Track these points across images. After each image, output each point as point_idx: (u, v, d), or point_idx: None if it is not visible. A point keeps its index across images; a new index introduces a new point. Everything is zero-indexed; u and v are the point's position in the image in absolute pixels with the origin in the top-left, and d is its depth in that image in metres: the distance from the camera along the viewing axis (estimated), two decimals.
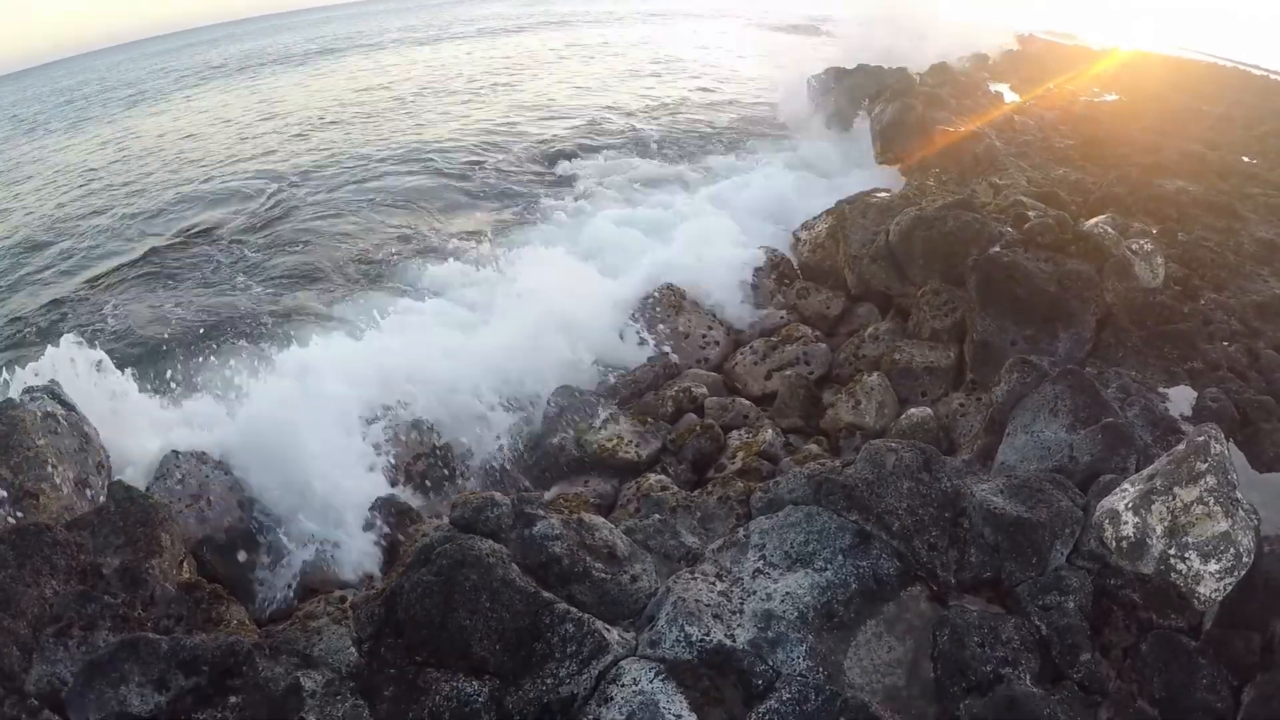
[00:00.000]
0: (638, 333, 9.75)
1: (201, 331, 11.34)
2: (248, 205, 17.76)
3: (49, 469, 5.67)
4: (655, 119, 24.04)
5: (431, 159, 20.29)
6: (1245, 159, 15.89)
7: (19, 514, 5.28)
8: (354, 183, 18.85)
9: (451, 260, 13.24)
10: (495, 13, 73.91)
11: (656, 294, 10.27)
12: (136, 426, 6.96)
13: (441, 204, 17.17)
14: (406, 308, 10.95)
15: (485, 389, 8.28)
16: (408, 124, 25.29)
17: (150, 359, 10.45)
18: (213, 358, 9.74)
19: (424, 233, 15.53)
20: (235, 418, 7.28)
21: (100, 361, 7.09)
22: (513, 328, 9.28)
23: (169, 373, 8.47)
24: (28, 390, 6.21)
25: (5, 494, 5.33)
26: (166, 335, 11.48)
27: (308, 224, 16.28)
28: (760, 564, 4.89)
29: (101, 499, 5.78)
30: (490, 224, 15.88)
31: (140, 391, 7.53)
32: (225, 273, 14.25)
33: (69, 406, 6.20)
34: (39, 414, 5.86)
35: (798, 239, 12.33)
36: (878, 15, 27.11)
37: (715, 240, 11.87)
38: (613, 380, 9.09)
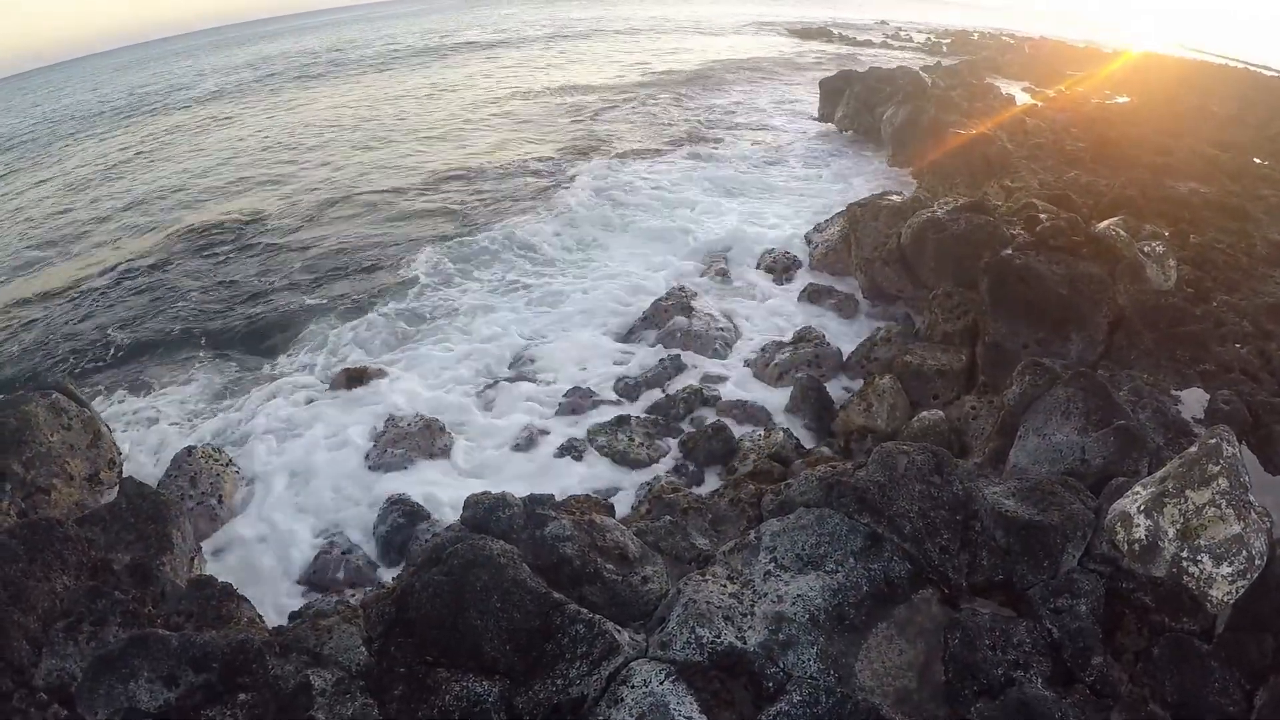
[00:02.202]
0: None
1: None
2: None
3: (61, 465, 5.71)
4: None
5: None
6: (1257, 160, 15.83)
7: (31, 509, 5.32)
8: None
9: None
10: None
11: None
12: None
13: None
14: None
15: None
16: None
17: None
18: None
19: None
20: None
21: None
22: None
23: None
24: (39, 387, 6.25)
25: (16, 489, 5.38)
26: None
27: None
28: (771, 566, 4.88)
29: (113, 495, 5.81)
30: None
31: None
32: None
33: (81, 403, 6.24)
34: (51, 410, 5.90)
35: (810, 240, 12.34)
36: None
37: None
38: None
